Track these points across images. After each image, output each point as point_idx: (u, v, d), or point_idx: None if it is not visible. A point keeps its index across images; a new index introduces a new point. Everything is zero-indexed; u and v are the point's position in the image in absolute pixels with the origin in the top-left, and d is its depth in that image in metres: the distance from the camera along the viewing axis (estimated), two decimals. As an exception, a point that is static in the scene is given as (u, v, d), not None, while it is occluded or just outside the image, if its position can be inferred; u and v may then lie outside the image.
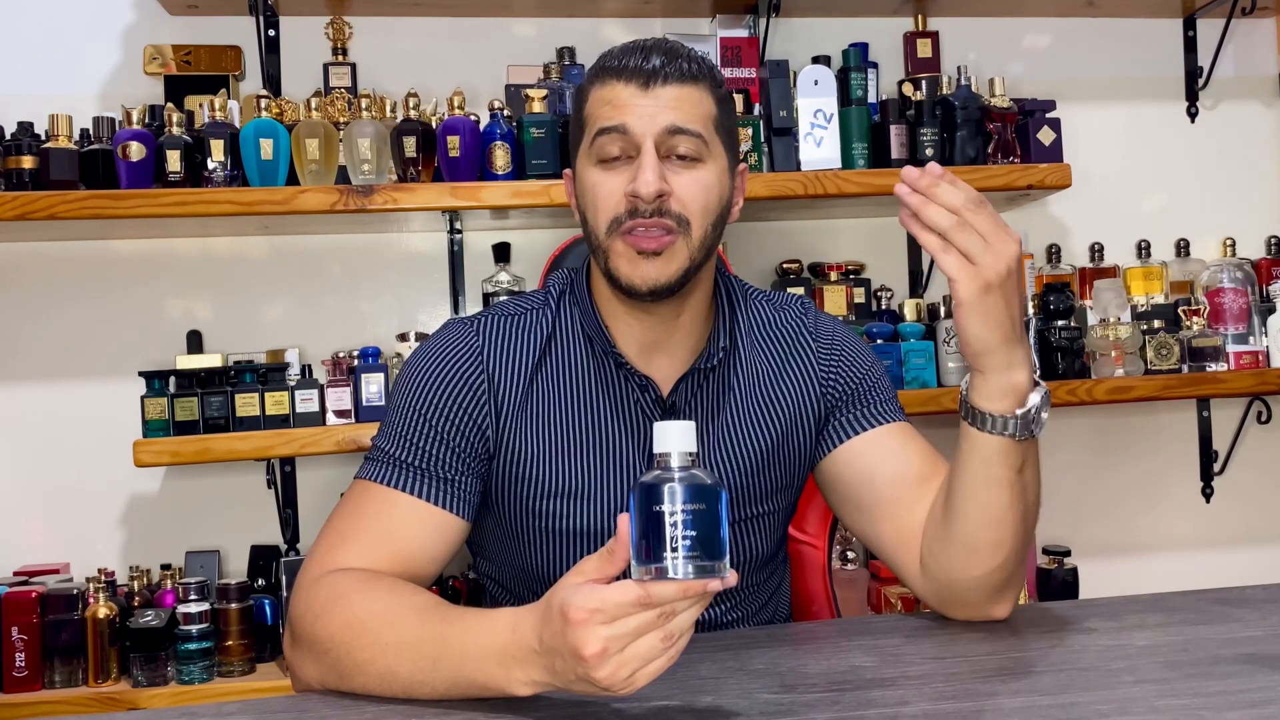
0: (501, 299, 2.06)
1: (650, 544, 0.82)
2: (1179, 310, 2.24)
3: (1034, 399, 1.06)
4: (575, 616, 0.83)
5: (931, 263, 2.36)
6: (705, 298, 1.24)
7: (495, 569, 1.31)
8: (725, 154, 1.19)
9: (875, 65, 2.28)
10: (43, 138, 1.93)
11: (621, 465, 1.20)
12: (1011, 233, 1.02)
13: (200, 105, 2.01)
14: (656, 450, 0.85)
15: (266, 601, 1.95)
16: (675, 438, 0.84)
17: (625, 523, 0.84)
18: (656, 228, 1.13)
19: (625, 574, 0.84)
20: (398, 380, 1.23)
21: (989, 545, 1.11)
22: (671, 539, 0.81)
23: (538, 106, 2.01)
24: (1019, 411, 1.05)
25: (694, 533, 0.81)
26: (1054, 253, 2.35)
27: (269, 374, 1.97)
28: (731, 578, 0.83)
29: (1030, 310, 2.20)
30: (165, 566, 2.00)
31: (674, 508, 0.81)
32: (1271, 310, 2.27)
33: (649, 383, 1.20)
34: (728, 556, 0.83)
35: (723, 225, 1.20)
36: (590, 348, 1.23)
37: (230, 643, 1.87)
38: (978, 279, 1.01)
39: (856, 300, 2.25)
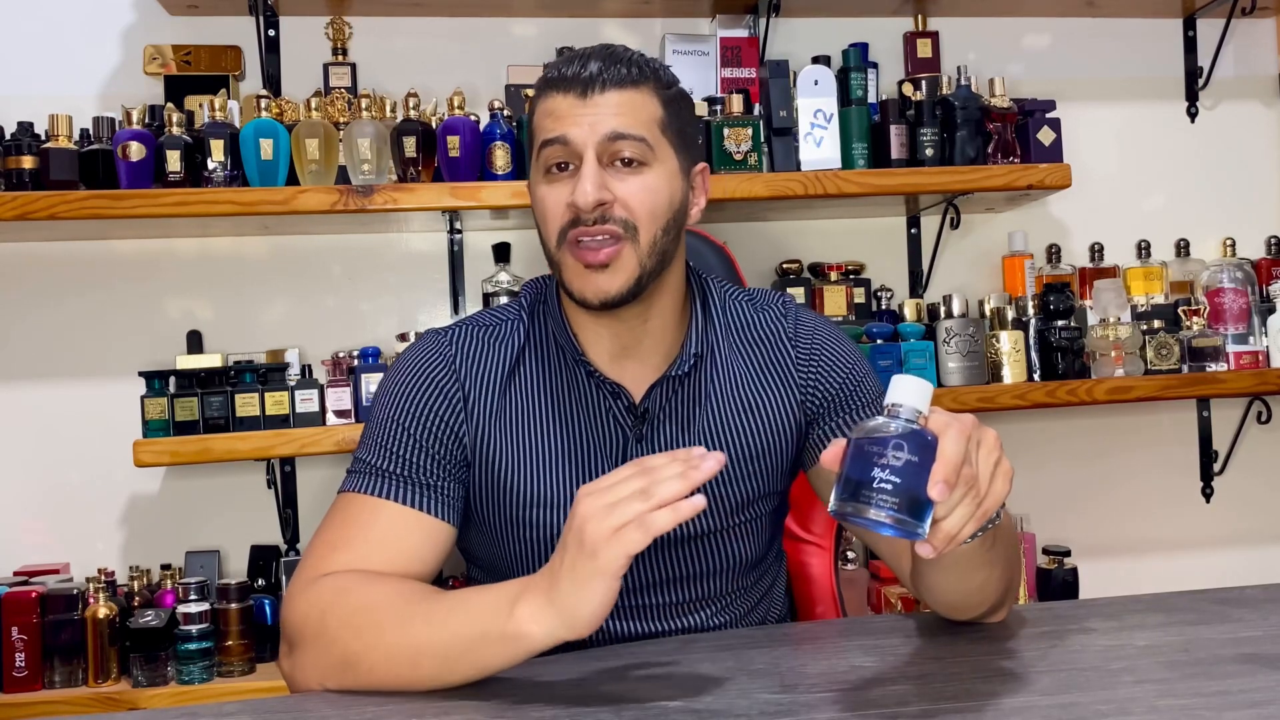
0: (501, 300, 2.07)
1: (853, 483, 0.85)
2: (1179, 310, 2.24)
3: None
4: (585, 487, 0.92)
5: (931, 263, 2.37)
6: (675, 302, 1.22)
7: (484, 574, 1.31)
8: (675, 156, 1.17)
9: (875, 65, 2.28)
10: (43, 138, 1.93)
11: (596, 474, 1.19)
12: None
13: (200, 105, 2.01)
14: (888, 400, 0.88)
15: (266, 601, 1.95)
16: (908, 391, 0.87)
17: (838, 448, 0.87)
18: (601, 234, 1.12)
19: None
20: (376, 394, 1.24)
21: (973, 604, 1.11)
22: (876, 480, 0.84)
23: (538, 106, 2.01)
24: (990, 522, 0.95)
25: (898, 480, 0.84)
26: (1054, 253, 2.35)
27: (269, 374, 1.97)
28: (716, 463, 0.90)
29: (1030, 310, 2.20)
30: (165, 566, 2.00)
31: (885, 454, 0.84)
32: (1271, 310, 2.27)
33: (620, 390, 1.20)
34: (928, 523, 0.86)
35: (677, 229, 1.18)
36: (562, 357, 1.22)
37: (230, 643, 1.87)
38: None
39: (856, 300, 2.25)
